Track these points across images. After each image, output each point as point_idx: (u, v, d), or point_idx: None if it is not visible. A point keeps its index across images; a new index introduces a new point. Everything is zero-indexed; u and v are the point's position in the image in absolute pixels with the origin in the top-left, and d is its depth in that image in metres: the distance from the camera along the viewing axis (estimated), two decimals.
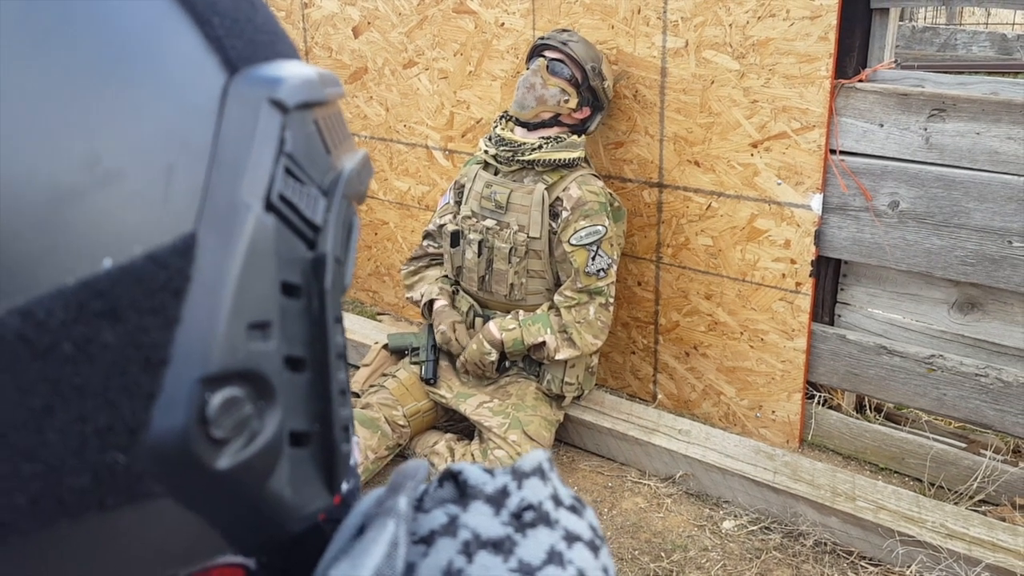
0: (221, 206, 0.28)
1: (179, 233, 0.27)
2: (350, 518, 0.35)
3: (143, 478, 0.27)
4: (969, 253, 2.13)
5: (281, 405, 0.30)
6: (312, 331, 0.32)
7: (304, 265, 0.32)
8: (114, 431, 0.26)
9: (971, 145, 2.06)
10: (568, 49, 2.37)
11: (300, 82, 0.32)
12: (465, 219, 2.54)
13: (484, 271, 2.51)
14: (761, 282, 2.45)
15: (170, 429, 0.27)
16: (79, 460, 0.26)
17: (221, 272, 0.28)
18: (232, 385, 0.28)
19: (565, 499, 0.39)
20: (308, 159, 0.32)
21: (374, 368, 2.70)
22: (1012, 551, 1.99)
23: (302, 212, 0.31)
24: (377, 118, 3.21)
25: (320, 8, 3.21)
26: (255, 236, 0.29)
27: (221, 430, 0.28)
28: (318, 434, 0.32)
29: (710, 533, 2.27)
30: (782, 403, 2.52)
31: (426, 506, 0.37)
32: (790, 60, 2.21)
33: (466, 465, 0.39)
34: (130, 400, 0.27)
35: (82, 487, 0.26)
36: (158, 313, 0.27)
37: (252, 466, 0.29)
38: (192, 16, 0.30)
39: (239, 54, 0.31)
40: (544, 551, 0.35)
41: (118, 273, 0.26)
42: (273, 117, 0.30)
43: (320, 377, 0.32)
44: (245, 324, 0.28)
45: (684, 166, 2.49)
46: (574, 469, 2.56)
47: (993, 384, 2.19)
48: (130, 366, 0.27)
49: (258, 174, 0.29)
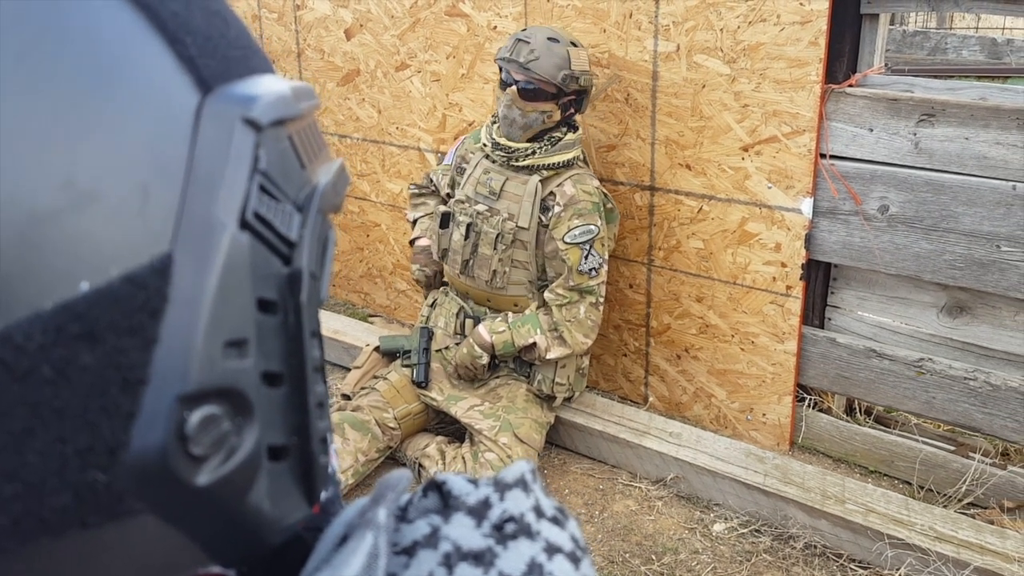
0: (196, 225, 0.28)
1: (155, 253, 0.28)
2: (332, 528, 0.35)
3: (124, 496, 0.27)
4: (958, 257, 2.14)
5: (259, 420, 0.30)
6: (289, 346, 0.32)
7: (280, 281, 0.32)
8: (94, 451, 0.27)
9: (960, 150, 2.07)
10: (533, 73, 2.28)
11: (273, 99, 0.32)
12: (458, 202, 2.54)
13: (469, 255, 2.52)
14: (752, 285, 2.45)
15: (150, 448, 0.27)
16: (60, 480, 0.26)
17: (197, 291, 0.28)
18: (210, 403, 0.28)
19: (547, 510, 0.39)
20: (282, 175, 0.32)
21: (365, 370, 2.70)
22: (1000, 554, 2.00)
23: (277, 229, 0.32)
24: (369, 120, 3.20)
25: (312, 10, 3.21)
26: (230, 254, 0.29)
27: (200, 447, 0.28)
28: (296, 447, 0.33)
29: (701, 536, 2.28)
30: (773, 406, 2.53)
31: (410, 516, 0.38)
32: (781, 65, 2.22)
33: (451, 475, 0.39)
34: (109, 420, 0.27)
35: (63, 506, 0.27)
36: (136, 334, 0.27)
37: (231, 481, 0.29)
38: (164, 37, 0.30)
39: (212, 73, 0.31)
40: (524, 563, 0.36)
41: (95, 296, 0.26)
42: (247, 136, 0.30)
43: (297, 391, 0.33)
44: (222, 342, 0.29)
45: (675, 169, 2.50)
46: (565, 472, 2.56)
47: (982, 387, 2.21)
48: (109, 387, 0.27)
49: (233, 193, 0.29)
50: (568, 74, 2.29)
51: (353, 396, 2.60)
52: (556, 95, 2.33)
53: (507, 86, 2.34)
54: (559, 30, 2.37)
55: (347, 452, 2.37)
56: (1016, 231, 2.05)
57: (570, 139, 2.41)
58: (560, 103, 2.35)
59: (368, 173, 3.30)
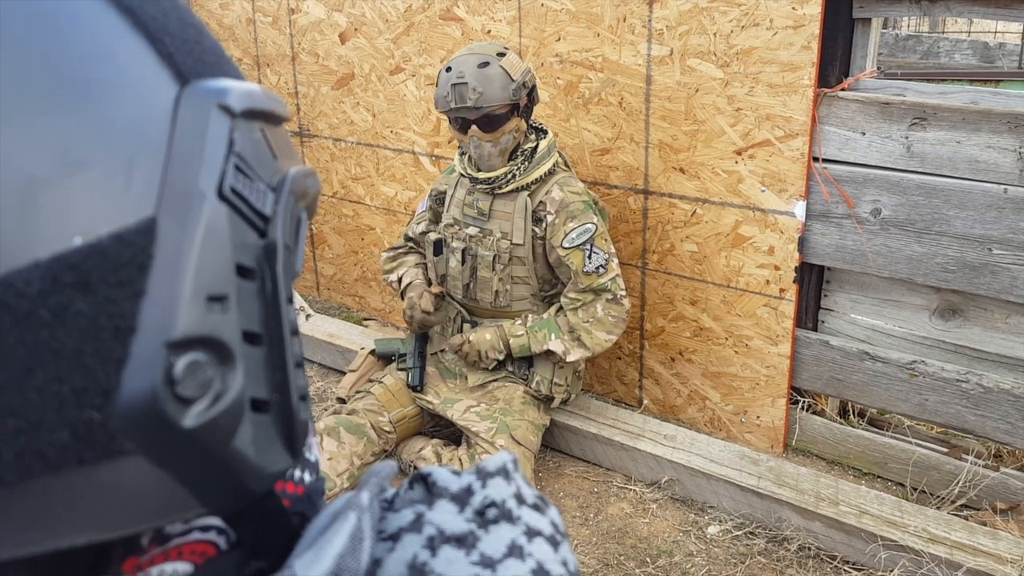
0: (178, 194, 0.31)
1: (141, 217, 0.31)
2: (321, 517, 0.37)
3: (117, 436, 0.30)
4: (950, 260, 2.16)
5: (242, 371, 0.32)
6: (267, 310, 0.35)
7: (257, 251, 0.34)
8: (89, 392, 0.29)
9: (952, 153, 2.09)
10: (486, 109, 2.26)
11: (245, 92, 0.35)
12: (448, 227, 2.54)
13: (468, 279, 2.52)
14: (745, 288, 2.46)
15: (140, 390, 0.29)
16: (58, 417, 0.29)
17: (180, 250, 0.31)
18: (195, 350, 0.31)
19: (528, 498, 0.41)
20: (256, 160, 0.36)
21: (361, 374, 2.70)
22: (992, 555, 2.01)
23: (252, 204, 0.34)
24: (364, 124, 3.21)
25: (307, 14, 3.21)
26: (210, 221, 0.32)
27: (187, 390, 0.30)
28: (277, 402, 0.35)
29: (695, 538, 2.29)
30: (766, 408, 2.53)
31: (396, 506, 0.39)
32: (773, 69, 2.23)
33: (435, 468, 0.41)
34: (103, 364, 0.29)
35: (62, 442, 0.29)
36: (125, 286, 0.30)
37: (217, 424, 0.31)
38: (145, 36, 0.34)
39: (189, 68, 0.34)
40: (505, 545, 0.38)
41: (87, 249, 0.29)
42: (222, 120, 0.34)
43: (277, 351, 0.35)
44: (204, 296, 0.31)
45: (669, 173, 2.51)
46: (560, 474, 2.57)
47: (974, 390, 2.22)
48: (101, 333, 0.29)
49: (210, 169, 0.32)
50: (515, 87, 2.27)
51: (348, 400, 2.60)
52: (513, 109, 2.32)
53: (466, 128, 2.32)
54: (479, 47, 2.31)
55: (342, 456, 2.37)
56: (1008, 234, 2.06)
57: (544, 148, 2.40)
58: (520, 113, 2.34)
59: (363, 177, 3.30)
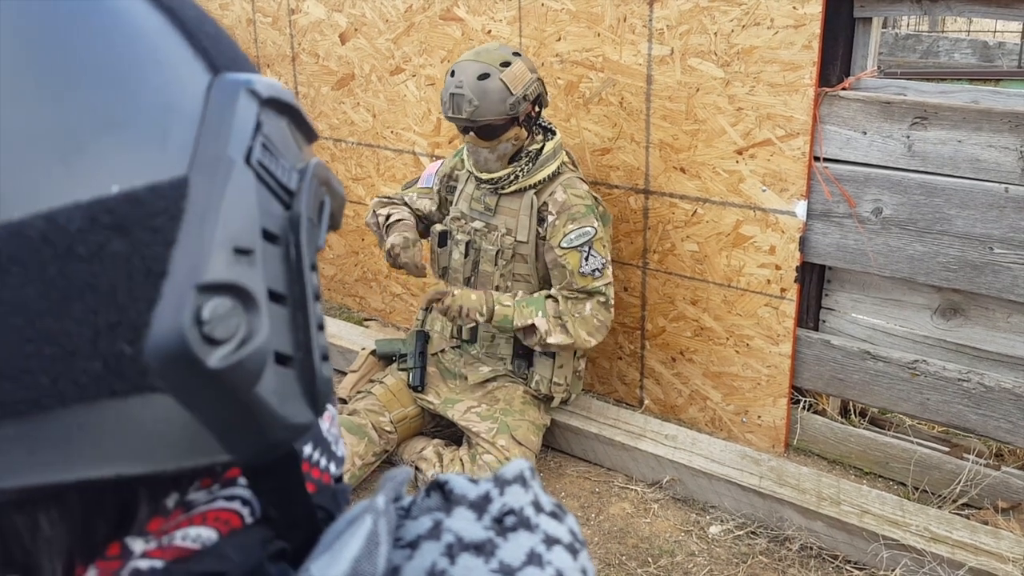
0: (209, 158, 0.33)
1: (174, 175, 0.33)
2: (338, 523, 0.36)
3: (147, 372, 0.31)
4: (951, 259, 2.15)
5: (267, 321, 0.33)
6: (291, 275, 0.36)
7: (282, 221, 0.36)
8: (122, 326, 0.31)
9: (953, 153, 2.09)
10: (482, 121, 2.26)
11: (272, 83, 0.38)
12: (454, 220, 2.54)
13: (470, 272, 2.52)
14: (746, 288, 2.46)
15: (169, 328, 0.31)
16: (92, 348, 0.31)
17: (210, 205, 0.32)
18: (223, 295, 0.32)
19: (546, 505, 0.41)
20: (282, 144, 0.37)
21: (361, 374, 2.70)
22: (995, 554, 2.01)
23: (278, 178, 0.36)
24: (364, 124, 3.21)
25: (307, 14, 3.21)
26: (238, 183, 0.34)
27: (214, 330, 0.31)
28: (300, 360, 0.36)
29: (697, 538, 2.29)
30: (768, 408, 2.53)
31: (414, 514, 0.39)
32: (774, 68, 2.23)
33: (452, 476, 0.41)
34: (135, 302, 0.31)
35: (95, 372, 0.31)
36: (158, 232, 0.32)
37: (242, 368, 0.32)
38: (182, 32, 0.36)
39: (220, 62, 0.37)
40: (524, 553, 0.38)
41: (124, 196, 0.31)
42: (250, 103, 0.36)
43: (301, 311, 0.36)
44: (232, 247, 0.33)
45: (670, 172, 2.50)
46: (561, 474, 2.57)
47: (975, 389, 2.22)
48: (135, 273, 0.31)
49: (239, 141, 0.34)
50: (514, 101, 2.26)
51: (349, 400, 2.60)
52: (513, 121, 2.31)
53: (465, 131, 2.33)
54: (486, 55, 2.29)
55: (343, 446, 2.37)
56: (1009, 233, 2.06)
57: (549, 150, 2.39)
58: (520, 122, 2.33)
59: (363, 177, 3.30)
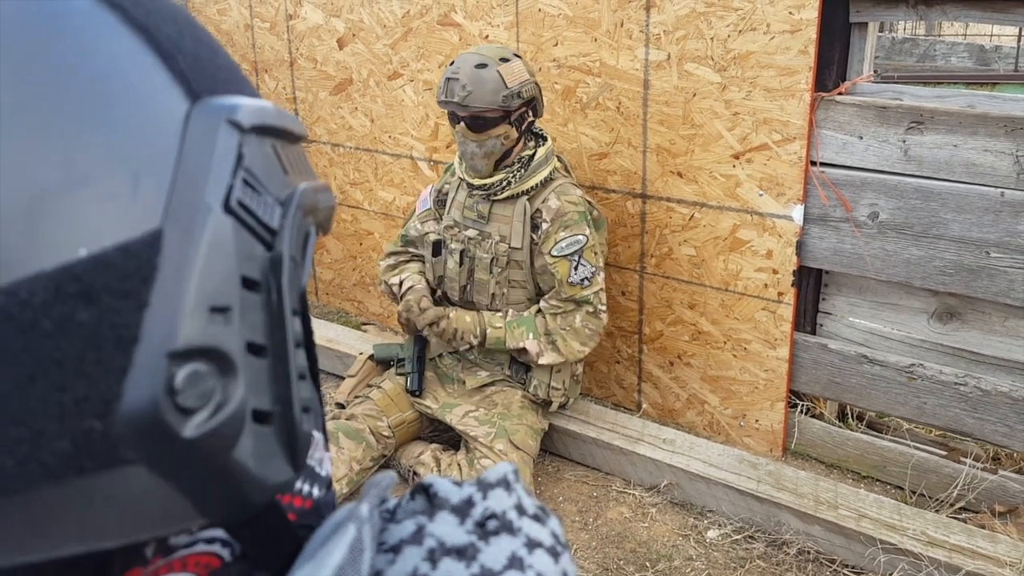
0: (184, 207, 0.32)
1: (147, 229, 0.31)
2: (323, 528, 0.37)
3: (118, 445, 0.30)
4: (948, 263, 2.16)
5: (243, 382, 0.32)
6: (272, 322, 0.34)
7: (263, 264, 0.35)
8: (91, 401, 0.29)
9: (949, 157, 2.09)
10: (472, 108, 2.25)
11: (255, 108, 0.36)
12: (448, 228, 2.55)
13: (466, 281, 2.52)
14: (744, 292, 2.47)
15: (141, 399, 0.30)
16: (60, 426, 0.29)
17: (185, 262, 0.31)
18: (197, 361, 0.31)
19: (529, 508, 0.41)
20: (265, 174, 0.36)
21: (359, 379, 2.70)
22: (992, 558, 2.01)
23: (259, 217, 0.35)
24: (362, 129, 3.21)
25: (305, 20, 3.22)
26: (215, 233, 0.32)
27: (188, 400, 0.30)
28: (280, 414, 0.35)
29: (695, 542, 2.29)
30: (765, 412, 2.54)
31: (398, 517, 0.39)
32: (771, 73, 2.24)
33: (436, 478, 0.41)
34: (104, 373, 0.30)
35: (63, 451, 0.29)
36: (129, 297, 0.30)
37: (218, 435, 0.31)
38: (158, 53, 0.34)
39: (200, 86, 0.35)
40: (505, 557, 0.38)
41: (92, 261, 0.30)
42: (231, 135, 0.34)
43: (281, 362, 0.35)
44: (207, 307, 0.31)
45: (667, 177, 2.51)
46: (559, 479, 2.57)
47: (972, 393, 2.22)
48: (104, 343, 0.30)
49: (218, 182, 0.33)
50: (507, 93, 2.26)
51: (347, 405, 2.60)
52: (504, 116, 2.31)
53: (455, 121, 2.33)
54: (486, 50, 2.30)
55: (341, 461, 2.37)
56: (1005, 237, 2.07)
57: (541, 156, 2.39)
58: (511, 121, 2.33)
59: (361, 182, 3.30)
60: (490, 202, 2.44)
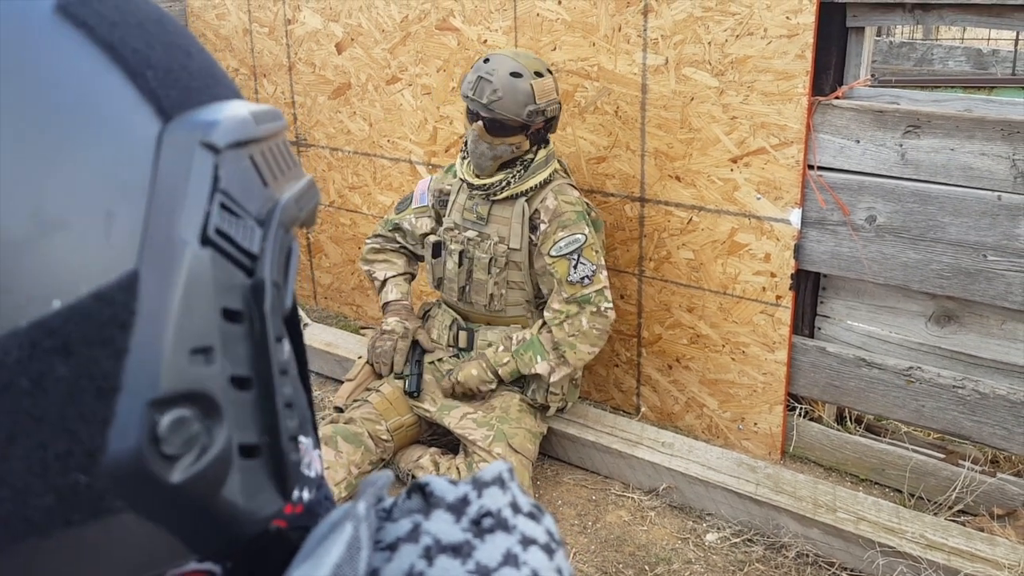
0: (159, 244, 0.30)
1: (122, 271, 0.30)
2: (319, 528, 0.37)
3: (104, 495, 0.29)
4: (945, 267, 2.16)
5: (229, 421, 0.32)
6: (255, 351, 0.34)
7: (244, 291, 0.34)
8: (74, 455, 0.29)
9: (946, 161, 2.10)
10: (497, 115, 2.26)
11: (232, 124, 0.34)
12: (447, 230, 2.55)
13: (464, 281, 2.53)
14: (742, 295, 2.47)
15: (125, 450, 0.29)
16: (43, 483, 0.28)
17: (162, 304, 0.30)
18: (180, 406, 0.30)
19: (524, 506, 0.41)
20: (244, 193, 0.34)
21: (358, 383, 2.69)
22: (990, 561, 2.01)
23: (239, 243, 0.34)
24: (360, 133, 3.22)
25: (303, 24, 3.22)
26: (192, 269, 0.31)
27: (172, 447, 0.30)
28: (267, 445, 0.35)
29: (693, 546, 2.29)
30: (764, 415, 2.54)
31: (394, 516, 0.40)
32: (768, 77, 2.24)
33: (433, 478, 0.41)
34: (87, 426, 0.29)
35: (47, 507, 0.29)
36: (107, 346, 0.29)
37: (204, 478, 0.31)
38: (126, 72, 0.32)
39: (172, 103, 0.33)
40: (501, 554, 0.38)
41: (67, 312, 0.28)
42: (206, 158, 0.32)
43: (266, 393, 0.34)
44: (188, 349, 0.30)
45: (665, 181, 2.52)
46: (558, 482, 2.57)
47: (970, 396, 2.22)
48: (84, 395, 0.29)
49: (194, 211, 0.31)
50: (533, 109, 2.27)
51: (346, 408, 2.60)
52: (523, 128, 2.32)
53: (474, 119, 2.33)
54: (523, 58, 2.31)
55: (340, 465, 2.37)
56: (1002, 240, 2.07)
57: (541, 158, 2.40)
58: (528, 134, 2.34)
59: (360, 186, 3.31)
60: (489, 203, 2.45)
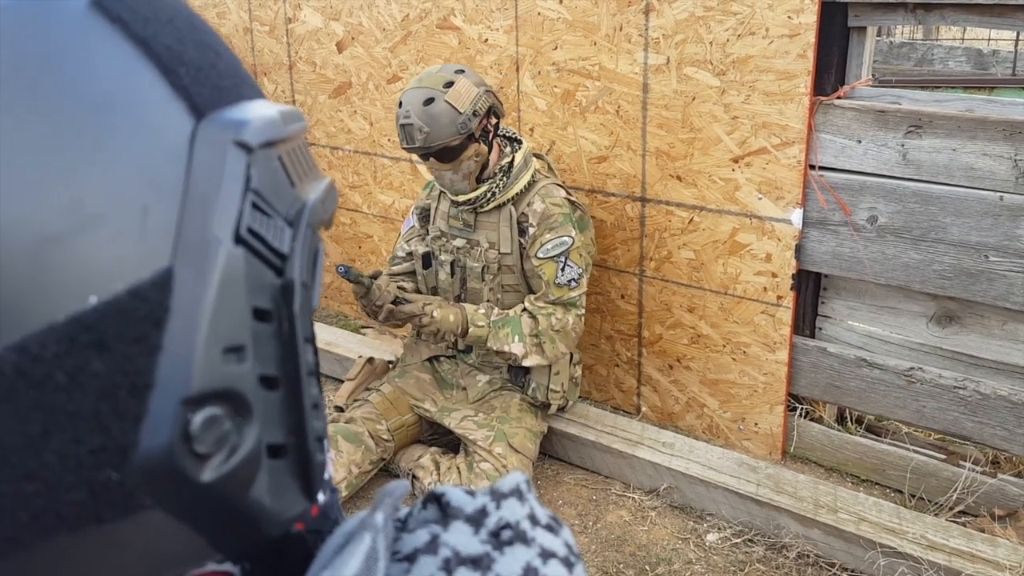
0: (194, 242, 0.31)
1: (157, 268, 0.30)
2: (334, 537, 0.37)
3: (135, 493, 0.30)
4: (947, 267, 2.16)
5: (258, 420, 0.32)
6: (284, 352, 0.34)
7: (274, 291, 0.34)
8: (106, 451, 0.29)
9: (947, 161, 2.10)
10: (435, 146, 2.23)
11: (263, 123, 0.34)
12: (435, 239, 2.54)
13: (459, 291, 2.52)
14: (743, 295, 2.47)
15: (157, 447, 0.29)
16: (76, 478, 0.29)
17: (196, 302, 0.30)
18: (212, 404, 0.30)
19: (542, 518, 0.41)
20: (274, 193, 0.35)
21: (358, 382, 2.70)
22: (991, 562, 2.01)
23: (270, 243, 0.34)
24: (361, 132, 3.21)
25: (304, 23, 3.22)
26: (226, 267, 0.31)
27: (203, 446, 0.30)
28: (294, 446, 0.35)
29: (694, 546, 2.29)
30: (765, 415, 2.54)
31: (410, 526, 0.39)
32: (769, 77, 2.24)
33: (449, 488, 0.41)
34: (120, 422, 0.29)
35: (79, 503, 0.29)
36: (141, 342, 0.29)
37: (234, 477, 0.31)
38: (159, 68, 0.32)
39: (205, 100, 0.33)
40: (520, 567, 0.38)
41: (103, 308, 0.29)
42: (239, 157, 0.33)
43: (293, 393, 0.34)
44: (221, 348, 0.31)
45: (666, 180, 2.51)
46: (558, 482, 2.57)
47: (971, 396, 2.22)
48: (118, 391, 0.29)
49: (227, 210, 0.32)
50: (463, 120, 2.22)
51: (346, 408, 2.60)
52: (469, 138, 2.28)
53: (424, 158, 2.30)
54: (428, 79, 2.25)
55: (340, 464, 2.37)
56: (1004, 241, 2.07)
57: (520, 161, 2.38)
58: (476, 138, 2.30)
59: (360, 185, 3.31)
60: (474, 211, 2.44)
